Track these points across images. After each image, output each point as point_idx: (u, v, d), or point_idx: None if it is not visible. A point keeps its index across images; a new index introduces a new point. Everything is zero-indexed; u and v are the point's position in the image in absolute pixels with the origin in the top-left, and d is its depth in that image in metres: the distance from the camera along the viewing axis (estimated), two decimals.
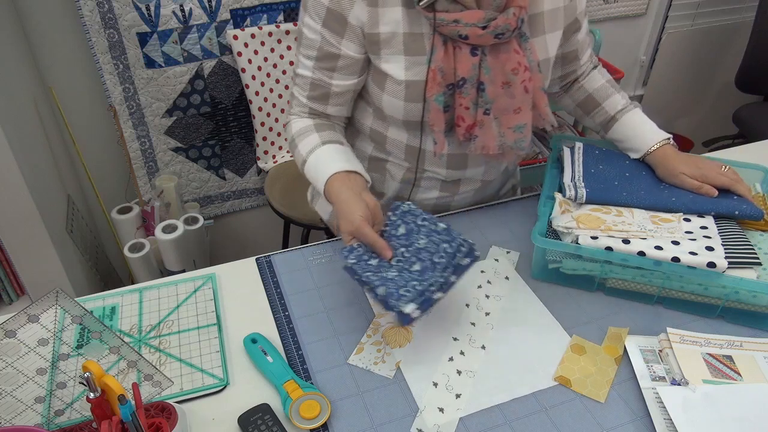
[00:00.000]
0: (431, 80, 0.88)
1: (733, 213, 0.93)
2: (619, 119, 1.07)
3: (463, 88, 0.89)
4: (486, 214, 1.11)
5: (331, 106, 0.99)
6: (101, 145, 1.83)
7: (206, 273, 0.97)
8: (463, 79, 0.88)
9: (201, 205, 2.04)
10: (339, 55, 0.91)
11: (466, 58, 0.87)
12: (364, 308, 0.91)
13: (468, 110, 0.91)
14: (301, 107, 1.00)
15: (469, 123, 0.92)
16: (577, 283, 0.94)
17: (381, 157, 1.06)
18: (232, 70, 1.81)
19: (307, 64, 0.95)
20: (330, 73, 0.94)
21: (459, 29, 0.84)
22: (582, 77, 1.11)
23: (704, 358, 0.81)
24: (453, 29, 0.84)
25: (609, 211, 0.94)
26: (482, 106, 0.90)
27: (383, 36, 0.89)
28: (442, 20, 0.84)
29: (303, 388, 0.76)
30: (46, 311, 0.62)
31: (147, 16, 1.62)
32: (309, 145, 0.96)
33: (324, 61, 0.93)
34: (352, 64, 0.93)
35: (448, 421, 0.74)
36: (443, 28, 0.85)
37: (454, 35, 0.85)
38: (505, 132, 0.93)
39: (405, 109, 0.93)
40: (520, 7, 0.85)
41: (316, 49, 0.92)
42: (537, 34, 0.94)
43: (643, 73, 2.59)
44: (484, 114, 0.91)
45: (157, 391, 0.71)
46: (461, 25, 0.84)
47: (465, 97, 0.89)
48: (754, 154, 1.28)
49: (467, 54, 0.87)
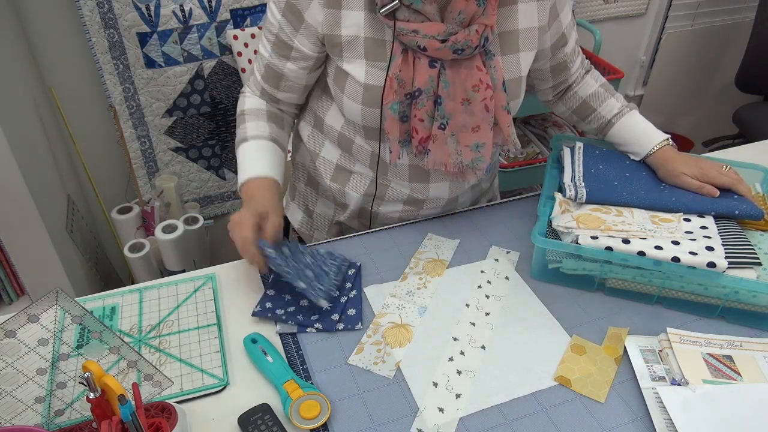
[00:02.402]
0: (388, 87, 0.87)
1: (734, 213, 0.93)
2: (615, 123, 1.06)
3: (419, 99, 0.87)
4: (486, 214, 1.11)
5: (282, 92, 1.00)
6: (101, 145, 1.83)
7: (206, 273, 0.97)
8: (420, 90, 0.87)
9: (201, 205, 2.04)
10: (292, 47, 0.92)
11: (423, 69, 0.86)
12: (364, 308, 0.91)
13: (422, 122, 0.89)
14: (256, 84, 1.02)
15: (423, 136, 0.91)
16: (577, 283, 0.94)
17: (347, 168, 1.04)
18: (232, 70, 1.81)
19: (267, 46, 0.96)
20: (284, 61, 0.95)
21: (417, 40, 0.83)
22: (575, 84, 1.10)
23: (704, 358, 0.81)
24: (412, 39, 0.83)
25: (609, 211, 0.94)
26: (438, 120, 0.89)
27: (345, 38, 0.88)
28: (402, 29, 0.83)
29: (303, 388, 0.76)
30: (46, 311, 0.62)
31: (147, 16, 1.62)
32: (255, 130, 0.99)
33: (279, 47, 0.94)
34: (304, 58, 0.94)
35: (448, 421, 0.74)
36: (403, 37, 0.84)
37: (413, 45, 0.84)
38: (462, 150, 0.92)
39: (362, 113, 0.92)
40: (484, 25, 0.83)
41: (274, 35, 0.94)
42: (509, 51, 0.92)
43: (643, 73, 2.60)
44: (439, 128, 0.89)
45: (157, 391, 0.71)
46: (420, 36, 0.82)
47: (420, 108, 0.88)
48: (754, 154, 1.28)
49: (425, 65, 0.86)
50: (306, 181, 1.14)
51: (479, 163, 0.93)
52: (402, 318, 0.89)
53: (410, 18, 0.83)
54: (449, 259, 1.00)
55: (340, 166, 1.05)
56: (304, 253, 0.95)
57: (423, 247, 1.03)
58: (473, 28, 0.83)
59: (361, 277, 0.96)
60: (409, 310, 0.90)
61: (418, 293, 0.93)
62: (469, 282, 0.95)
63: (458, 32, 0.82)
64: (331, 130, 1.02)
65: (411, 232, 1.07)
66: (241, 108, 1.02)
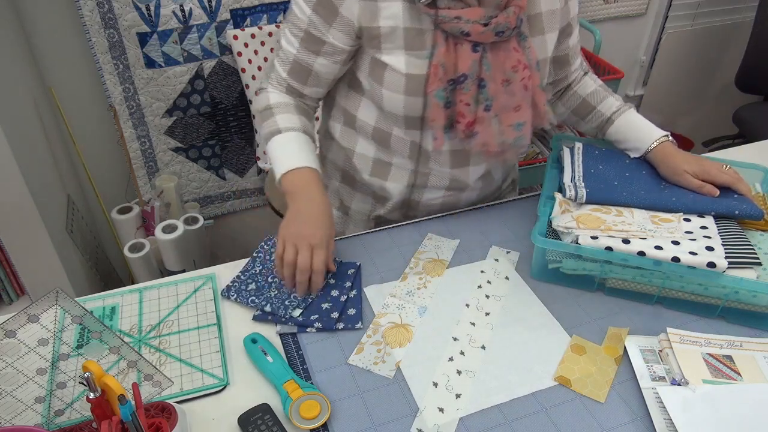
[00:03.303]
0: (432, 75, 0.88)
1: (733, 213, 0.93)
2: (615, 120, 1.07)
3: (464, 84, 0.89)
4: (486, 214, 1.11)
5: (309, 87, 0.99)
6: (101, 145, 1.83)
7: (206, 273, 0.97)
8: (464, 75, 0.88)
9: (201, 205, 2.04)
10: (325, 41, 0.92)
11: (467, 54, 0.87)
12: (364, 308, 0.91)
13: (468, 107, 0.91)
14: (279, 81, 1.00)
15: (470, 120, 0.92)
16: (577, 283, 0.94)
17: (385, 161, 1.05)
18: (232, 70, 1.81)
19: (293, 41, 0.95)
20: (314, 56, 0.94)
21: (461, 26, 0.85)
22: (574, 83, 1.11)
23: (704, 358, 0.81)
24: (455, 26, 0.85)
25: (609, 211, 0.94)
26: (482, 102, 0.91)
27: (383, 30, 0.89)
28: (444, 17, 0.85)
29: (303, 388, 0.76)
30: (46, 311, 0.62)
31: (147, 16, 1.62)
32: (287, 122, 0.97)
33: (309, 43, 0.93)
34: (337, 52, 0.93)
35: (448, 421, 0.74)
36: (445, 24, 0.85)
37: (456, 32, 0.86)
38: (505, 130, 0.94)
39: (405, 103, 0.93)
40: (519, 7, 0.86)
41: (303, 30, 0.92)
42: (536, 33, 0.94)
43: (643, 73, 2.59)
44: (484, 111, 0.91)
45: (157, 391, 0.71)
46: (463, 21, 0.85)
47: (465, 93, 0.90)
48: (754, 154, 1.28)
49: (468, 50, 0.87)
50: (341, 178, 1.14)
51: (521, 140, 0.96)
52: (402, 318, 0.89)
53: (450, 5, 0.86)
54: (449, 259, 1.00)
55: (378, 159, 1.05)
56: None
57: (423, 247, 1.03)
58: (510, 10, 0.86)
59: (361, 277, 0.96)
60: (409, 310, 0.90)
61: (418, 293, 0.93)
62: (469, 282, 0.95)
63: (498, 15, 0.85)
64: (365, 125, 1.02)
65: (411, 232, 1.06)
66: (265, 103, 1.00)
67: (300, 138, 0.96)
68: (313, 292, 0.91)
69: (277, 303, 0.89)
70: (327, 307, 0.89)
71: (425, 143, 1.00)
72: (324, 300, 0.91)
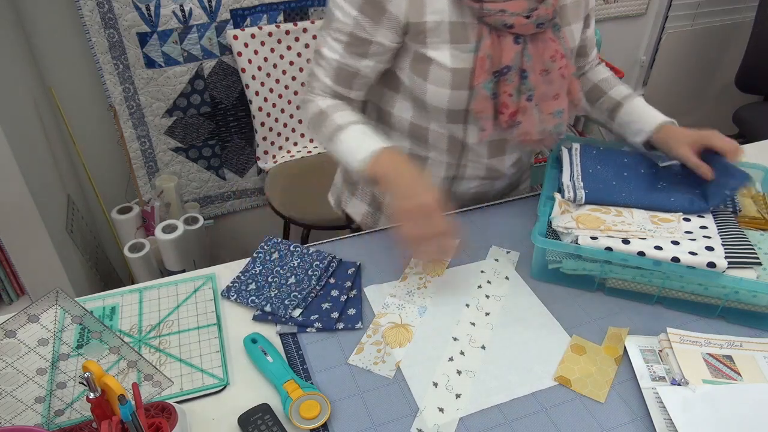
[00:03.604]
0: (479, 67, 0.90)
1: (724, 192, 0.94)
2: (625, 104, 1.09)
3: (508, 76, 0.91)
4: (486, 214, 1.11)
5: (354, 90, 0.98)
6: (101, 145, 1.83)
7: (206, 273, 0.97)
8: (508, 67, 0.90)
9: (201, 205, 2.04)
10: (371, 41, 0.91)
11: (510, 46, 0.90)
12: (364, 308, 0.91)
13: (511, 97, 0.93)
14: (324, 89, 0.98)
15: (513, 110, 0.94)
16: (577, 283, 0.94)
17: (421, 155, 1.06)
18: (232, 70, 1.81)
19: (335, 47, 0.93)
20: (359, 59, 0.93)
21: (505, 18, 0.87)
22: (588, 71, 1.16)
23: (704, 358, 0.81)
24: (499, 18, 0.87)
25: (608, 211, 0.94)
26: (525, 93, 0.93)
27: (429, 25, 0.89)
28: (489, 10, 0.87)
29: (303, 388, 0.76)
30: (46, 311, 0.62)
31: (147, 16, 1.62)
32: (347, 117, 0.94)
33: (354, 46, 0.92)
34: (383, 52, 0.93)
35: (448, 421, 0.74)
36: (489, 17, 0.87)
37: (499, 24, 0.88)
38: (545, 118, 0.96)
39: (450, 97, 0.93)
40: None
41: (347, 34, 0.91)
42: (564, 24, 0.97)
43: (643, 73, 2.59)
44: (527, 101, 0.94)
45: (157, 391, 0.71)
46: (507, 14, 0.87)
47: (509, 84, 0.92)
48: (754, 154, 1.28)
49: (511, 42, 0.90)
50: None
51: (560, 127, 0.99)
52: (402, 318, 0.89)
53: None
54: (449, 259, 1.00)
55: (413, 155, 1.06)
56: (293, 255, 0.99)
57: None
58: (548, 2, 0.89)
59: (361, 277, 0.96)
60: (409, 310, 0.90)
61: (418, 293, 0.93)
62: (469, 282, 0.95)
63: (538, 7, 0.88)
64: (401, 120, 1.03)
65: None
66: (317, 109, 0.98)
67: (364, 128, 0.94)
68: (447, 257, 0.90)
69: (277, 303, 0.89)
70: (327, 307, 0.89)
71: (465, 136, 1.00)
72: (324, 300, 0.91)
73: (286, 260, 0.98)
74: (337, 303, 0.90)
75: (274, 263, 0.98)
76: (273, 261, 0.98)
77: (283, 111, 1.90)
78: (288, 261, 0.98)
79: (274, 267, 0.97)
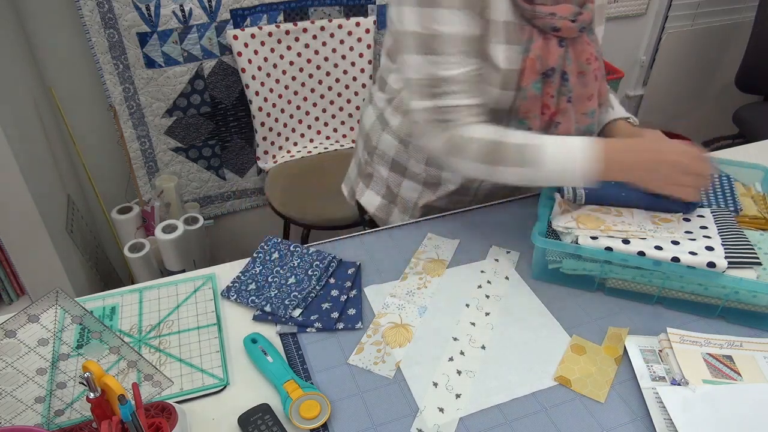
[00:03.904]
0: (529, 68, 0.91)
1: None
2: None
3: (552, 78, 0.92)
4: (486, 214, 1.11)
5: (481, 95, 0.92)
6: (101, 145, 1.83)
7: (206, 273, 0.97)
8: (552, 69, 0.92)
9: (201, 205, 2.04)
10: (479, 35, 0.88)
11: (555, 48, 0.91)
12: (364, 308, 0.91)
13: (553, 98, 0.94)
14: (468, 112, 0.91)
15: (553, 110, 0.95)
16: (577, 283, 0.94)
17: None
18: (232, 70, 1.81)
19: (456, 62, 0.87)
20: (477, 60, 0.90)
21: (554, 22, 0.89)
22: None
23: (704, 358, 0.81)
24: (548, 21, 0.88)
25: (609, 211, 0.94)
26: (565, 94, 0.95)
27: (492, 24, 0.90)
28: (540, 12, 0.88)
29: (303, 388, 0.76)
30: (46, 311, 0.62)
31: (147, 16, 1.62)
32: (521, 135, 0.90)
33: (471, 45, 0.88)
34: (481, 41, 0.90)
35: (448, 421, 0.74)
36: (539, 19, 0.89)
37: (547, 27, 0.89)
38: (580, 118, 0.97)
39: (498, 97, 0.94)
40: (592, 2, 0.93)
41: (462, 39, 0.86)
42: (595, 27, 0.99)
43: (643, 73, 2.59)
44: (567, 102, 0.95)
45: (157, 391, 0.71)
46: (556, 18, 0.89)
47: (552, 86, 0.93)
48: (754, 154, 1.28)
49: (556, 45, 0.91)
50: (390, 167, 1.15)
51: (593, 127, 1.01)
52: (402, 318, 0.89)
53: (545, 1, 0.89)
54: (449, 259, 1.00)
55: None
56: (293, 255, 0.99)
57: (423, 247, 1.03)
58: (588, 6, 0.91)
59: (361, 277, 0.96)
60: (409, 310, 0.90)
61: (418, 293, 0.93)
62: (469, 282, 0.95)
63: (583, 12, 0.91)
64: None
65: (411, 232, 1.07)
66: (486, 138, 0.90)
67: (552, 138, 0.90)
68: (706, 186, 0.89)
69: (277, 303, 0.89)
70: (327, 307, 0.89)
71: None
72: (324, 300, 0.91)
73: (286, 260, 0.98)
74: (337, 303, 0.90)
75: (274, 263, 0.98)
76: (273, 261, 0.98)
77: (283, 111, 1.90)
78: (288, 261, 0.98)
79: (274, 267, 0.97)
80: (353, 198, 1.27)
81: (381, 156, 1.15)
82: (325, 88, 1.92)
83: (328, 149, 1.97)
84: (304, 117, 1.96)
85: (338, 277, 0.95)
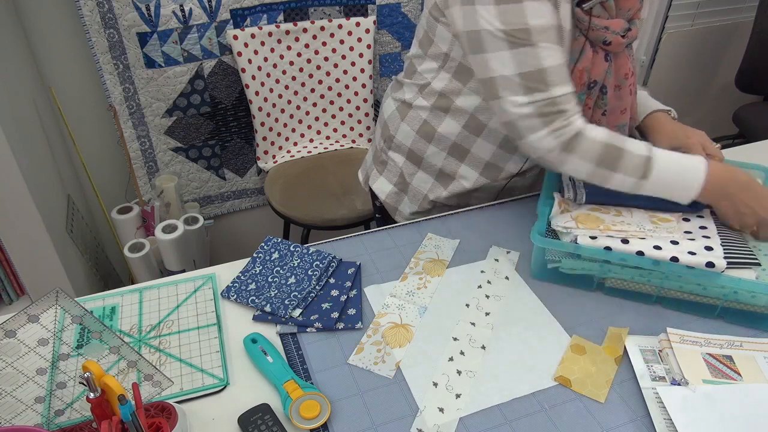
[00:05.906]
0: (577, 79, 0.91)
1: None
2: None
3: (593, 90, 0.93)
4: (486, 214, 1.11)
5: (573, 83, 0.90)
6: (101, 145, 1.83)
7: (206, 273, 0.97)
8: (595, 82, 0.93)
9: (201, 205, 2.04)
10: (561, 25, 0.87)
11: (601, 62, 0.92)
12: (364, 308, 0.91)
13: (589, 110, 0.95)
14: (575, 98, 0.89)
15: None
16: (577, 282, 0.94)
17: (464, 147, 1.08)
18: (232, 70, 1.81)
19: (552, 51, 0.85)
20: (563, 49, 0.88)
21: (606, 35, 0.89)
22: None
23: (704, 358, 0.81)
24: (601, 34, 0.89)
25: (608, 211, 0.94)
26: (601, 107, 0.96)
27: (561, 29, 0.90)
28: (595, 25, 0.88)
29: (303, 388, 0.76)
30: (46, 311, 0.62)
31: (147, 16, 1.62)
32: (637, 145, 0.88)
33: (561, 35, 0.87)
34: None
35: (448, 421, 0.74)
36: (593, 32, 0.89)
37: (599, 40, 0.89)
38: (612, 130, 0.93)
39: None
40: (639, 18, 0.94)
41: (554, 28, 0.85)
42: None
43: (643, 73, 2.59)
44: (602, 115, 0.96)
45: (157, 391, 0.71)
46: (609, 32, 0.89)
47: (591, 98, 0.94)
48: (754, 154, 1.28)
49: (602, 58, 0.92)
50: (407, 156, 1.15)
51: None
52: (402, 318, 0.89)
53: (601, 14, 0.89)
54: (449, 259, 1.00)
55: (458, 144, 1.07)
56: (293, 255, 0.99)
57: (423, 247, 1.03)
58: (636, 22, 0.91)
59: (361, 277, 0.96)
60: (409, 310, 0.90)
61: (418, 293, 0.93)
62: (469, 282, 0.95)
63: (632, 28, 0.92)
64: (460, 111, 1.03)
65: (411, 232, 1.07)
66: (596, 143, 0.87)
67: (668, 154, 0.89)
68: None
69: (277, 303, 0.90)
70: (327, 307, 0.89)
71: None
72: (324, 300, 0.91)
73: (286, 260, 0.98)
74: (337, 303, 0.90)
75: (274, 263, 0.98)
76: (273, 261, 0.98)
77: (283, 111, 1.90)
78: (288, 261, 0.98)
79: (274, 267, 0.97)
80: (366, 184, 1.29)
81: (398, 145, 1.16)
82: (325, 88, 1.92)
83: (328, 149, 1.97)
84: (304, 117, 1.96)
85: (338, 277, 0.95)
